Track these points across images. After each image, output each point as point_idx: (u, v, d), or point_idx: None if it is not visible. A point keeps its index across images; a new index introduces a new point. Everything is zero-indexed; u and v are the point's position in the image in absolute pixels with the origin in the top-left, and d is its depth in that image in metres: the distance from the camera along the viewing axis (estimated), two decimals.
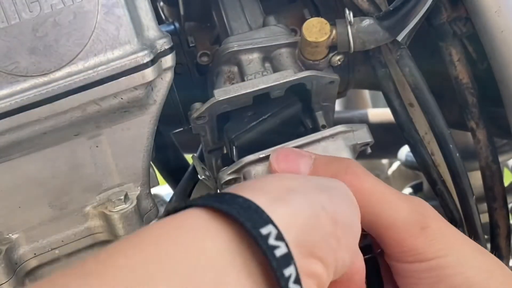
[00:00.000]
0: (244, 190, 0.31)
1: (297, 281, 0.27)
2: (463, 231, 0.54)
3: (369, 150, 0.51)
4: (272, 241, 0.27)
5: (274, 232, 0.27)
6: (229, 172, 0.48)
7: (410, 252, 0.38)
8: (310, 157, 0.42)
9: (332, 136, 0.47)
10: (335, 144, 0.47)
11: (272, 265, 0.26)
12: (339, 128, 0.47)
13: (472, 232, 0.52)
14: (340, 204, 0.34)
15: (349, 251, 0.34)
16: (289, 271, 0.27)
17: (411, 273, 0.39)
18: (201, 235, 0.27)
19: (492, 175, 0.52)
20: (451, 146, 0.50)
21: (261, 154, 0.46)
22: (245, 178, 0.47)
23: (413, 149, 0.54)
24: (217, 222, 0.28)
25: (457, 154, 0.50)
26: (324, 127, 0.53)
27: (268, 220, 0.28)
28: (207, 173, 0.54)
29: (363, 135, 0.48)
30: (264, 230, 0.27)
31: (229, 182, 0.48)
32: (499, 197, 0.52)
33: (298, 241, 0.29)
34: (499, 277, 0.39)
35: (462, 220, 0.53)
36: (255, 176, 0.46)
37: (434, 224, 0.39)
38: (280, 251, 0.27)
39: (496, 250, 0.54)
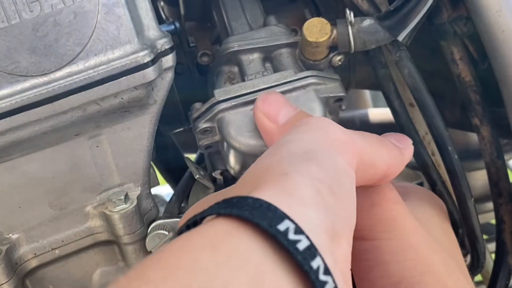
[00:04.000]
0: (243, 188, 0.30)
1: (326, 272, 0.26)
2: (463, 232, 0.54)
3: (343, 108, 0.51)
4: (292, 236, 0.26)
5: (291, 226, 0.27)
6: (203, 120, 0.48)
7: (357, 227, 0.35)
8: (295, 109, 0.42)
9: (303, 87, 0.48)
10: (306, 95, 0.48)
11: (298, 260, 0.26)
12: (310, 79, 0.48)
13: (470, 234, 0.52)
14: (328, 168, 0.32)
15: (354, 210, 0.32)
16: (316, 263, 0.26)
17: (352, 251, 0.36)
18: (227, 240, 0.26)
19: (498, 170, 0.51)
20: (449, 147, 0.50)
21: (234, 101, 0.47)
22: (218, 126, 0.48)
23: None
24: (238, 227, 0.27)
25: (456, 156, 0.50)
26: None
27: (283, 216, 0.27)
28: (201, 172, 0.54)
29: (336, 89, 0.49)
30: (281, 227, 0.26)
31: (204, 131, 0.48)
32: (504, 192, 0.52)
33: (321, 228, 0.28)
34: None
35: (462, 221, 0.53)
36: (228, 123, 0.47)
37: (387, 204, 0.37)
38: (302, 245, 0.26)
39: (501, 245, 0.54)
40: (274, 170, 0.31)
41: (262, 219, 0.26)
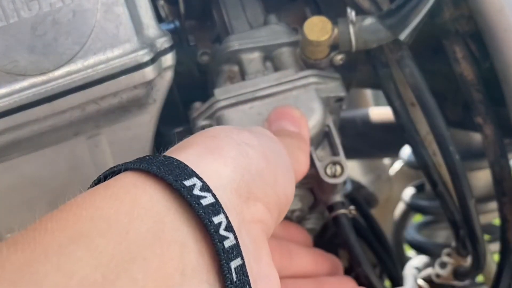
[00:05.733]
0: (171, 151, 0.31)
1: (228, 228, 0.27)
2: (463, 233, 0.53)
3: (344, 107, 0.51)
4: (197, 191, 0.27)
5: (198, 183, 0.27)
6: (203, 118, 0.48)
7: None
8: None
9: (304, 86, 0.48)
10: (306, 94, 0.48)
11: (199, 214, 0.26)
12: (311, 78, 0.48)
13: (471, 235, 0.52)
14: (265, 139, 0.34)
15: (290, 183, 0.33)
16: (218, 219, 0.27)
17: None
18: (131, 192, 0.27)
19: (501, 169, 0.51)
20: (450, 148, 0.49)
21: (233, 99, 0.48)
22: (218, 123, 0.48)
23: (414, 150, 0.54)
24: (145, 181, 0.27)
25: (457, 156, 0.50)
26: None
27: (192, 174, 0.28)
28: None
29: (336, 88, 0.49)
30: (187, 182, 0.27)
31: (203, 127, 0.48)
32: (508, 191, 0.51)
33: (232, 187, 0.29)
34: None
35: (462, 221, 0.52)
36: (227, 121, 0.47)
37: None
38: (206, 201, 0.27)
39: (505, 245, 0.53)
40: (206, 134, 0.32)
41: (169, 174, 0.27)
